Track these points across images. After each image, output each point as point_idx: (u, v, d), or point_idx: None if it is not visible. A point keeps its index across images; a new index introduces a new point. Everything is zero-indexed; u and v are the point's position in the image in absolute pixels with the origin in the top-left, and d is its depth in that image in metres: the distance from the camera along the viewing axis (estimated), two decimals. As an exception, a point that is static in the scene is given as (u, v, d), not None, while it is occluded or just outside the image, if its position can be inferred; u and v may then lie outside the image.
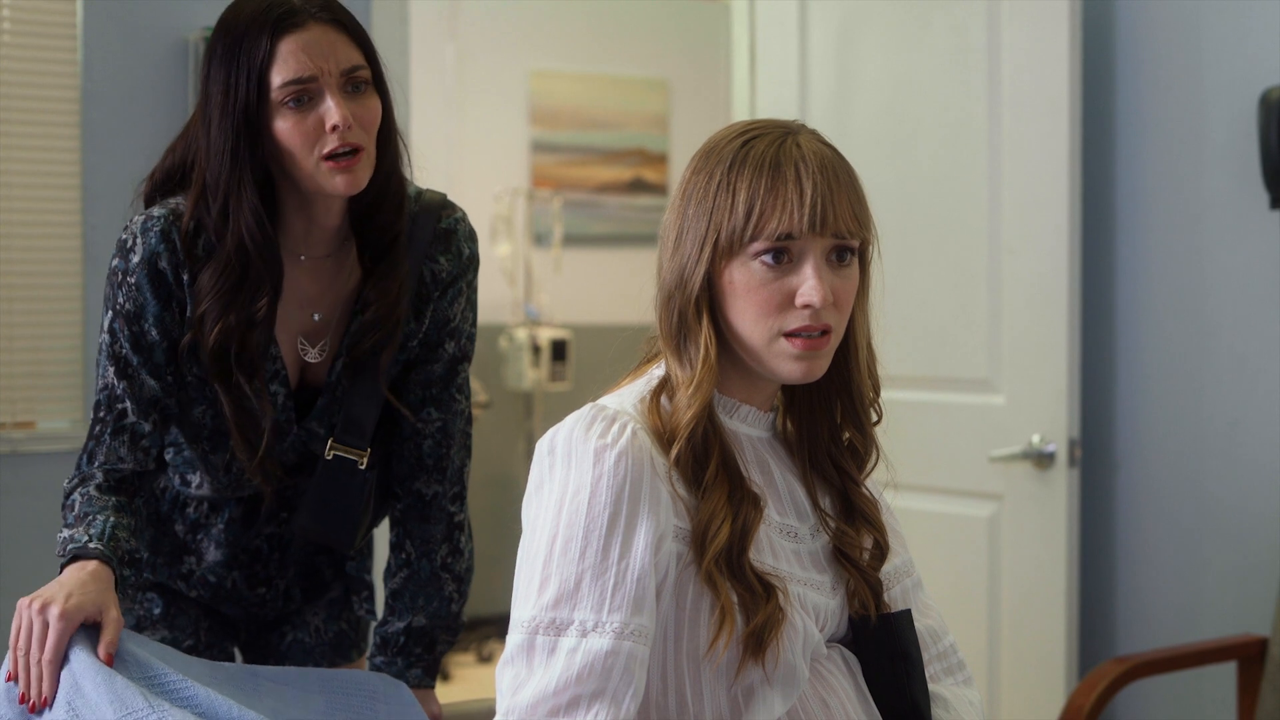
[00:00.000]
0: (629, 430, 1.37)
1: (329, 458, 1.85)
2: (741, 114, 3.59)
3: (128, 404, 1.77)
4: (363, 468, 1.85)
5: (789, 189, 1.38)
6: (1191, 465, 2.91)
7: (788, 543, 1.48)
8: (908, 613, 1.52)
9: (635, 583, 1.32)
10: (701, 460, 1.41)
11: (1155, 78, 2.94)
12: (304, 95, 1.70)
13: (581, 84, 6.20)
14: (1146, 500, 2.98)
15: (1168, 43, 2.92)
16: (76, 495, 1.74)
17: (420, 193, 1.89)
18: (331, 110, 1.69)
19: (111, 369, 1.77)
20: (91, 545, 1.65)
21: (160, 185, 1.84)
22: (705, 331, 1.41)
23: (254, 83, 1.70)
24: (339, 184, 1.72)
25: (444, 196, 1.91)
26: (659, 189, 6.30)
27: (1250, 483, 2.81)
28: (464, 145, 5.91)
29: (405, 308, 1.83)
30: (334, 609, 2.05)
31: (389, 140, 1.80)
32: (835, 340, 1.43)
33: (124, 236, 1.77)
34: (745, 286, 1.40)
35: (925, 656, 1.56)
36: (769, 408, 1.53)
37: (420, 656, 1.90)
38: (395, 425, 1.90)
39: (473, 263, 1.91)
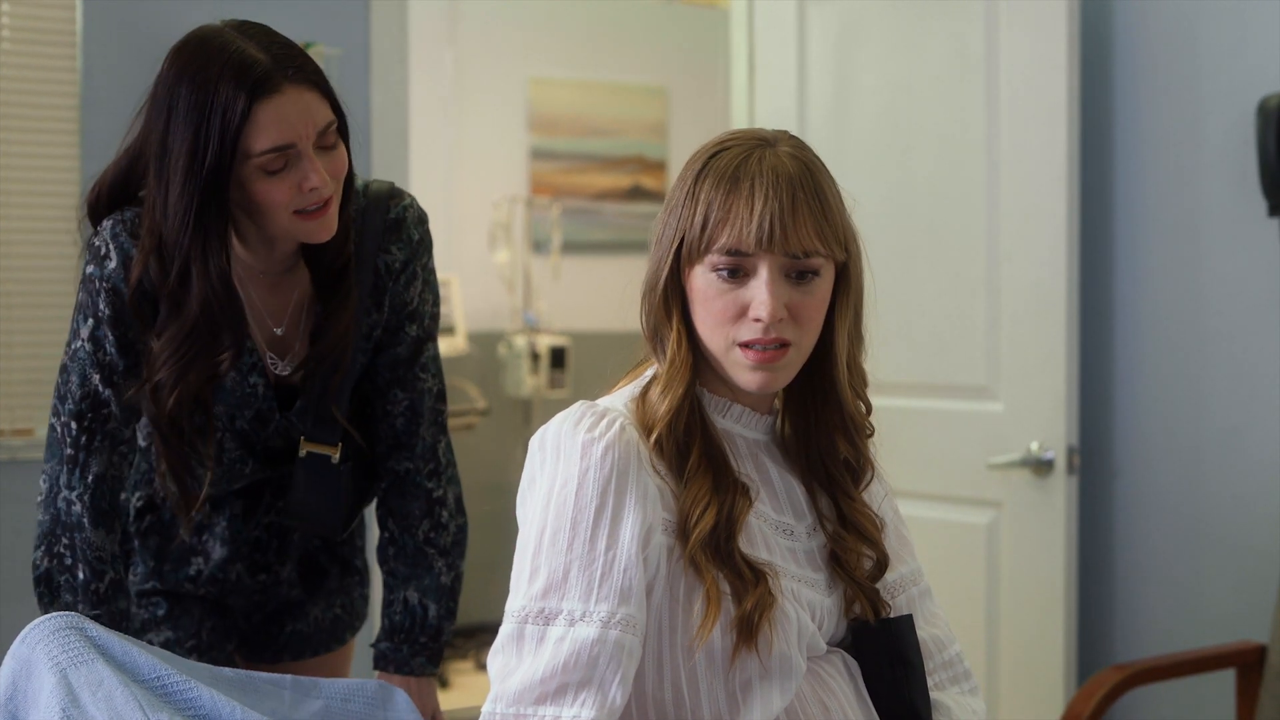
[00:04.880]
0: (617, 425, 1.39)
1: (303, 455, 1.88)
2: (740, 121, 3.59)
3: (113, 409, 1.76)
4: (335, 461, 1.89)
5: (741, 205, 1.39)
6: (1190, 472, 2.91)
7: (783, 540, 1.48)
8: (909, 618, 1.53)
9: (622, 573, 1.34)
10: (684, 451, 1.43)
11: (1153, 85, 2.95)
12: (282, 160, 1.67)
13: (580, 91, 6.21)
14: (1145, 507, 2.98)
15: (1166, 50, 2.93)
16: (74, 550, 1.78)
17: (367, 185, 1.89)
18: (310, 175, 1.68)
19: (96, 376, 1.75)
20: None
21: (107, 200, 1.80)
22: (675, 329, 1.45)
23: (227, 146, 1.64)
24: (312, 231, 1.73)
25: (391, 185, 1.91)
26: (658, 196, 6.29)
27: (1249, 490, 2.81)
28: (462, 152, 5.91)
29: (351, 339, 1.84)
30: (331, 598, 2.09)
31: (350, 182, 1.80)
32: (797, 354, 1.44)
33: (96, 243, 1.76)
34: (704, 294, 1.43)
35: (930, 665, 1.57)
36: (767, 410, 1.53)
37: (425, 645, 1.93)
38: (368, 407, 1.93)
39: (424, 245, 1.91)
